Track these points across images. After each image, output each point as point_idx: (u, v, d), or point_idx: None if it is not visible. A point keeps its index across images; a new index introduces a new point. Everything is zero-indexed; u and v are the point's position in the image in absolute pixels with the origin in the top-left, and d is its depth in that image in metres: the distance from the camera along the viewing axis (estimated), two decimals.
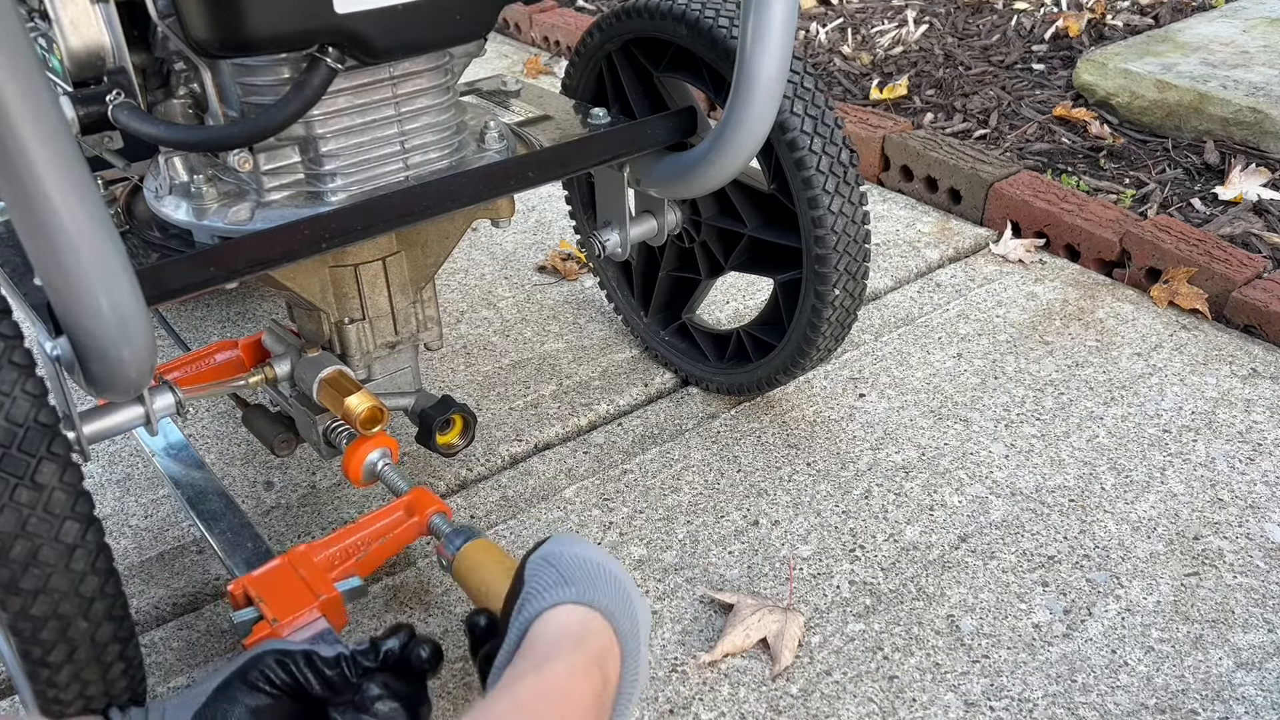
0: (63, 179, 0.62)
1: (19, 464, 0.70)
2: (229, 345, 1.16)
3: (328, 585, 0.93)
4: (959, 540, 1.17)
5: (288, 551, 0.96)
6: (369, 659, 0.80)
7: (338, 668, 0.79)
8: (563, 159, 1.06)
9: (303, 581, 0.93)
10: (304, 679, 0.78)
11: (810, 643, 1.05)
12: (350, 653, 0.80)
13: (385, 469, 1.05)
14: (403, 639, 0.81)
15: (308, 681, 0.78)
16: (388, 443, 1.05)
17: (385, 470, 1.05)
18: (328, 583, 0.93)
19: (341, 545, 0.98)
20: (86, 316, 0.69)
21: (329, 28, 0.81)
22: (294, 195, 0.95)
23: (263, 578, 0.93)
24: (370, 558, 0.99)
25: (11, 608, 0.72)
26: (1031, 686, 1.00)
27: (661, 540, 1.18)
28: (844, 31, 2.75)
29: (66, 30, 0.85)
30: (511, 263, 1.79)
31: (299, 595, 0.91)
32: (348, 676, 0.79)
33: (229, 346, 1.16)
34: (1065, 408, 1.38)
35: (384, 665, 0.80)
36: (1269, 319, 1.50)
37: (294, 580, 0.93)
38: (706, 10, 1.11)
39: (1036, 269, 1.71)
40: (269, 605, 0.90)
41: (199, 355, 1.16)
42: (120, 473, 1.31)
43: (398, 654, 0.81)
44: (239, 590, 0.92)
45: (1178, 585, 1.10)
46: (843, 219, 1.13)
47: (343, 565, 0.97)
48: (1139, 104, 2.13)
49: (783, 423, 1.36)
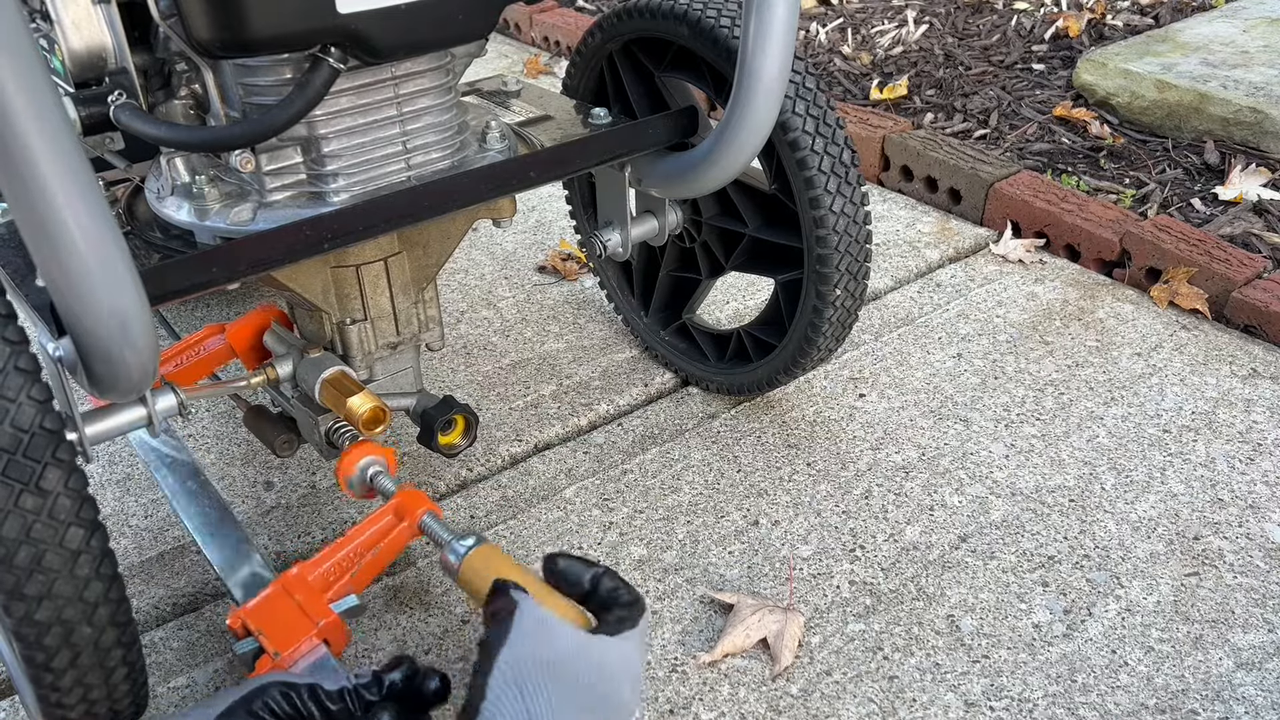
0: (66, 180, 0.62)
1: (24, 470, 0.69)
2: (216, 330, 1.15)
3: (325, 609, 0.91)
4: (959, 540, 1.17)
5: (280, 576, 0.95)
6: (372, 692, 0.80)
7: (342, 702, 0.79)
8: (564, 159, 1.06)
9: (299, 608, 0.91)
10: (307, 712, 0.78)
11: (810, 643, 1.05)
12: (354, 685, 0.80)
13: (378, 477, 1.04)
14: (406, 671, 0.81)
15: (311, 715, 0.78)
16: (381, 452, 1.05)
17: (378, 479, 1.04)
18: (325, 606, 0.92)
19: (334, 560, 0.97)
20: (89, 317, 0.69)
21: (332, 28, 0.81)
22: (296, 195, 0.95)
23: (259, 608, 0.92)
24: (364, 572, 0.97)
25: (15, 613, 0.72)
26: (1031, 686, 1.00)
27: (661, 540, 1.18)
28: (844, 31, 2.75)
29: (68, 31, 0.85)
30: (511, 263, 1.79)
31: (297, 624, 0.90)
32: (351, 710, 0.79)
33: (216, 331, 1.15)
34: (1065, 408, 1.38)
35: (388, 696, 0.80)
36: (1269, 319, 1.50)
37: (290, 608, 0.92)
38: (708, 10, 1.11)
39: (1036, 269, 1.71)
40: (269, 638, 0.89)
41: (188, 344, 1.15)
42: (120, 473, 1.31)
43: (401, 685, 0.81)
44: (237, 623, 0.91)
45: (1178, 585, 1.10)
46: (844, 219, 1.13)
47: (338, 584, 0.96)
48: (1139, 104, 2.14)
49: (783, 423, 1.36)
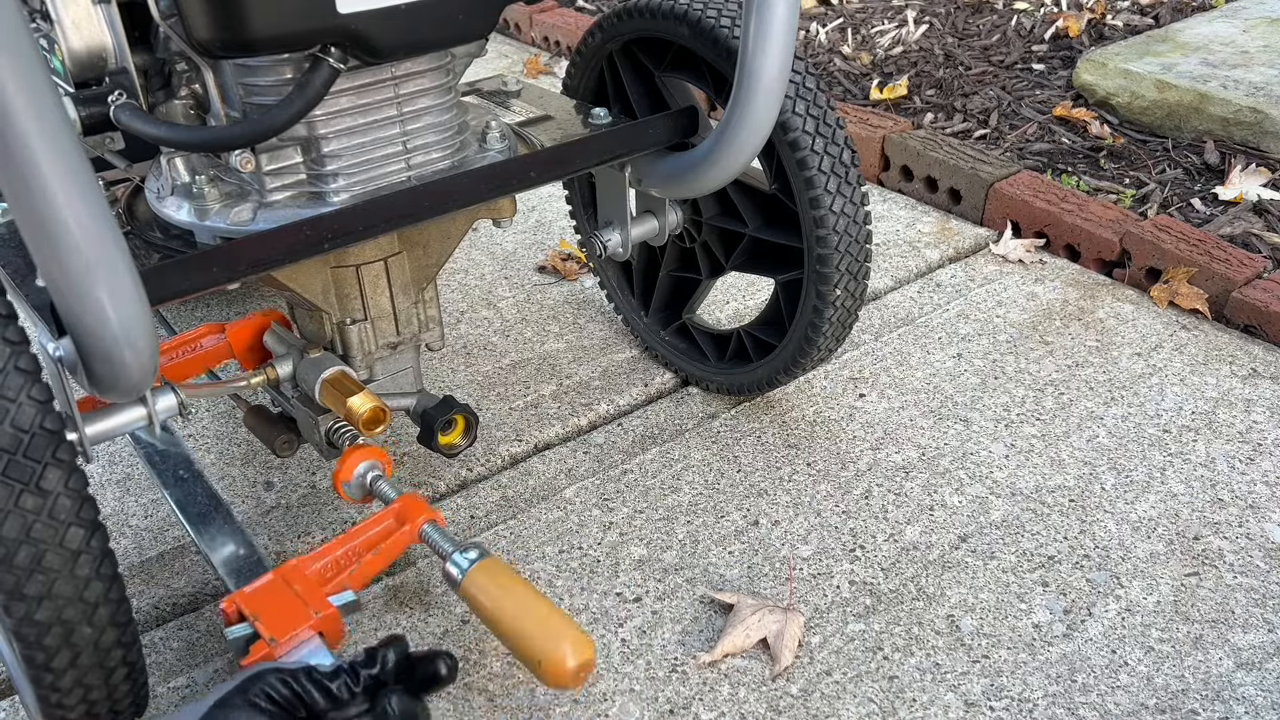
0: (66, 179, 0.62)
1: (24, 470, 0.70)
2: (216, 329, 1.15)
3: (323, 601, 0.91)
4: (959, 540, 1.17)
5: (280, 566, 0.94)
6: (368, 667, 0.80)
7: (338, 679, 0.79)
8: (564, 159, 1.06)
9: (297, 598, 0.91)
10: (306, 694, 0.77)
11: (810, 643, 1.05)
12: (349, 663, 0.80)
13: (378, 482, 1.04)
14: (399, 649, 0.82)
15: (310, 696, 0.77)
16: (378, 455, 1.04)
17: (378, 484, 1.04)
18: (323, 598, 0.91)
19: (333, 556, 0.97)
20: (89, 317, 0.70)
21: (332, 28, 0.81)
22: (296, 195, 0.95)
23: (256, 595, 0.91)
24: (363, 571, 0.97)
25: (15, 613, 0.72)
26: (1031, 686, 1.00)
27: (661, 540, 1.18)
28: (844, 31, 2.75)
29: (68, 31, 0.85)
30: (511, 263, 1.79)
31: (294, 613, 0.89)
32: (350, 687, 0.79)
33: (216, 330, 1.15)
34: (1065, 408, 1.38)
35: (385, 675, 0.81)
36: (1269, 319, 1.50)
37: (288, 596, 0.91)
38: (708, 10, 1.11)
39: (1036, 269, 1.71)
40: (265, 624, 0.88)
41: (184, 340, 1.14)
42: (120, 473, 1.31)
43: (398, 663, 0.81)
44: (231, 608, 0.91)
45: (1178, 585, 1.10)
46: (844, 219, 1.13)
47: (336, 579, 0.95)
48: (1139, 104, 2.14)
49: (783, 423, 1.36)
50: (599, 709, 0.99)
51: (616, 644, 1.05)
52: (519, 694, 1.00)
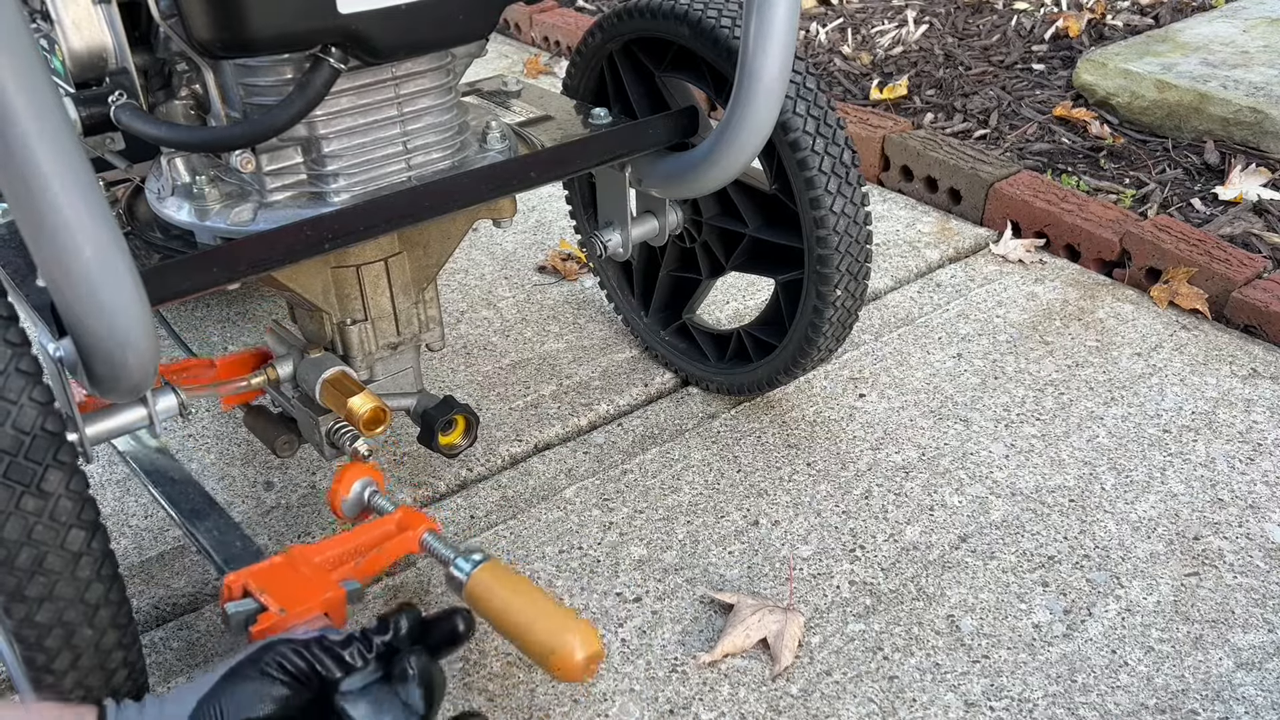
0: (66, 180, 0.62)
1: (25, 471, 0.69)
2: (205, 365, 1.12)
3: (331, 582, 0.92)
4: (959, 540, 1.17)
5: (286, 550, 0.95)
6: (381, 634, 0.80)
7: (350, 646, 0.78)
8: (564, 159, 1.06)
9: (305, 577, 0.92)
10: (319, 662, 0.77)
11: (810, 643, 1.05)
12: (362, 630, 0.80)
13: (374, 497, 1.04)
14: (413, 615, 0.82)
15: (324, 664, 0.77)
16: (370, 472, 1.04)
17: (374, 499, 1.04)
18: (331, 580, 0.92)
19: (335, 552, 0.97)
20: (90, 317, 0.70)
21: (332, 28, 0.81)
22: (296, 196, 0.95)
23: (263, 572, 0.91)
24: (368, 565, 0.97)
25: (16, 615, 0.72)
26: (1031, 686, 1.00)
27: (661, 540, 1.18)
28: (844, 31, 2.75)
29: (68, 31, 0.85)
30: (511, 263, 1.79)
31: (304, 589, 0.90)
32: (363, 653, 0.79)
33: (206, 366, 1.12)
34: (1065, 408, 1.38)
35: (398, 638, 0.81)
36: (1269, 319, 1.50)
37: (296, 575, 0.92)
38: (709, 10, 1.11)
39: (1036, 269, 1.71)
40: (273, 597, 0.88)
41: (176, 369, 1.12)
42: (120, 473, 1.31)
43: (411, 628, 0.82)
44: (237, 583, 0.90)
45: (1178, 585, 1.11)
46: (845, 219, 1.13)
47: (340, 570, 0.96)
48: (1139, 104, 2.14)
49: (783, 423, 1.36)
50: (599, 709, 0.99)
51: (617, 644, 1.05)
52: (519, 694, 1.00)
